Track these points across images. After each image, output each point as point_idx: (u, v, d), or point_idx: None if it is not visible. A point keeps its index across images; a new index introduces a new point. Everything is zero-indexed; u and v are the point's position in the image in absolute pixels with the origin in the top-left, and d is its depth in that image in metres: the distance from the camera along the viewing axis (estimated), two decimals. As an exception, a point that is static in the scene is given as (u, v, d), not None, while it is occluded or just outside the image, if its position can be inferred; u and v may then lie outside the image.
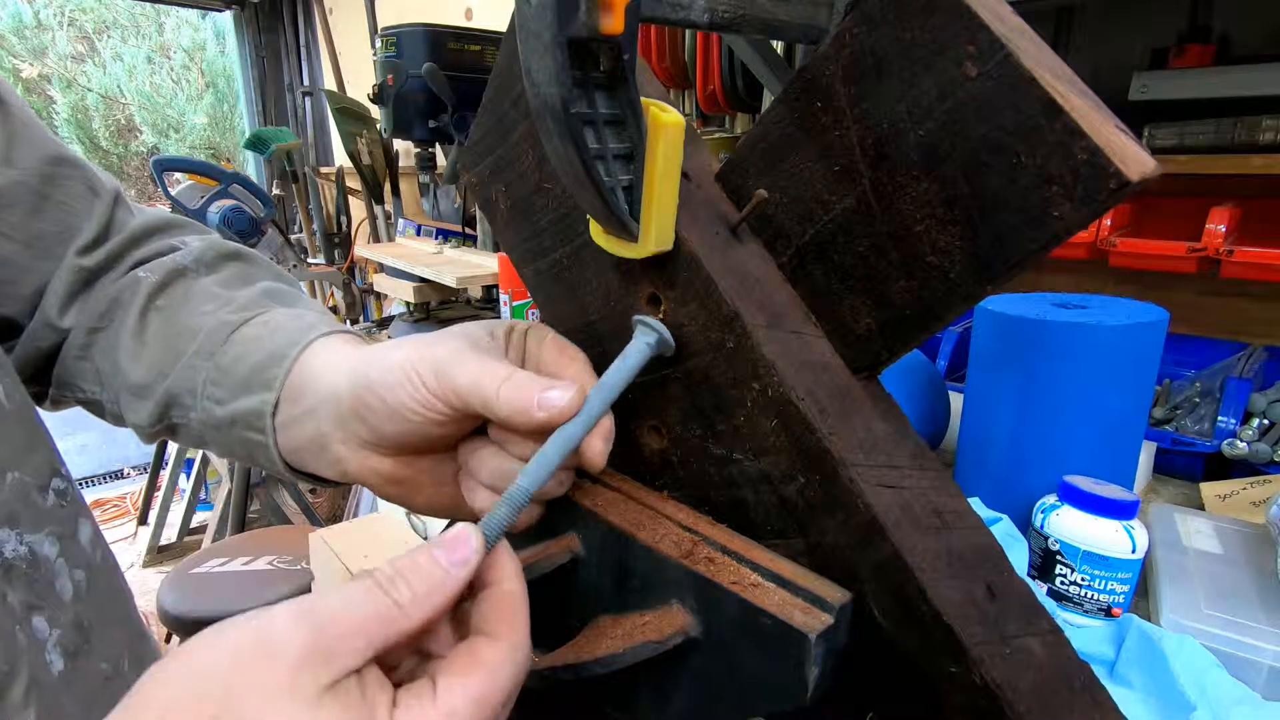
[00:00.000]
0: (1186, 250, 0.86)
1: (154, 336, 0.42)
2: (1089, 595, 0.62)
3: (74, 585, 0.38)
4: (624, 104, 0.25)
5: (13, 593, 0.34)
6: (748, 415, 0.28)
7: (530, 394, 0.29)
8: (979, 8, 0.22)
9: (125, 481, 3.24)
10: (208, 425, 0.40)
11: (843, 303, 0.28)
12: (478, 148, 0.36)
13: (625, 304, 0.31)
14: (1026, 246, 0.23)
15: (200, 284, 0.44)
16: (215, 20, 5.30)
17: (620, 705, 0.31)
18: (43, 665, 0.35)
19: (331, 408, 0.36)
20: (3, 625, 0.33)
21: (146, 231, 0.47)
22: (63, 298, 0.44)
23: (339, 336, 0.40)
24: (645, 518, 0.30)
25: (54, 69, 5.42)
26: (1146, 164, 0.21)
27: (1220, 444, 0.82)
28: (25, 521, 0.36)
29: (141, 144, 5.71)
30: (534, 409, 0.29)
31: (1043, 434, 0.73)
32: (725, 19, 0.27)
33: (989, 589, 0.26)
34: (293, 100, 3.25)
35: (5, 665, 0.32)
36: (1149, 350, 0.70)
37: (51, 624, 0.36)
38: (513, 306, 1.16)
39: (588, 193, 0.25)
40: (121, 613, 0.42)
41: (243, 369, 0.39)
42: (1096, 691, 0.26)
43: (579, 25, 0.21)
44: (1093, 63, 1.05)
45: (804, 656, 0.24)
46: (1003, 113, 0.22)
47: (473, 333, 0.34)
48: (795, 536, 0.28)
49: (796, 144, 0.27)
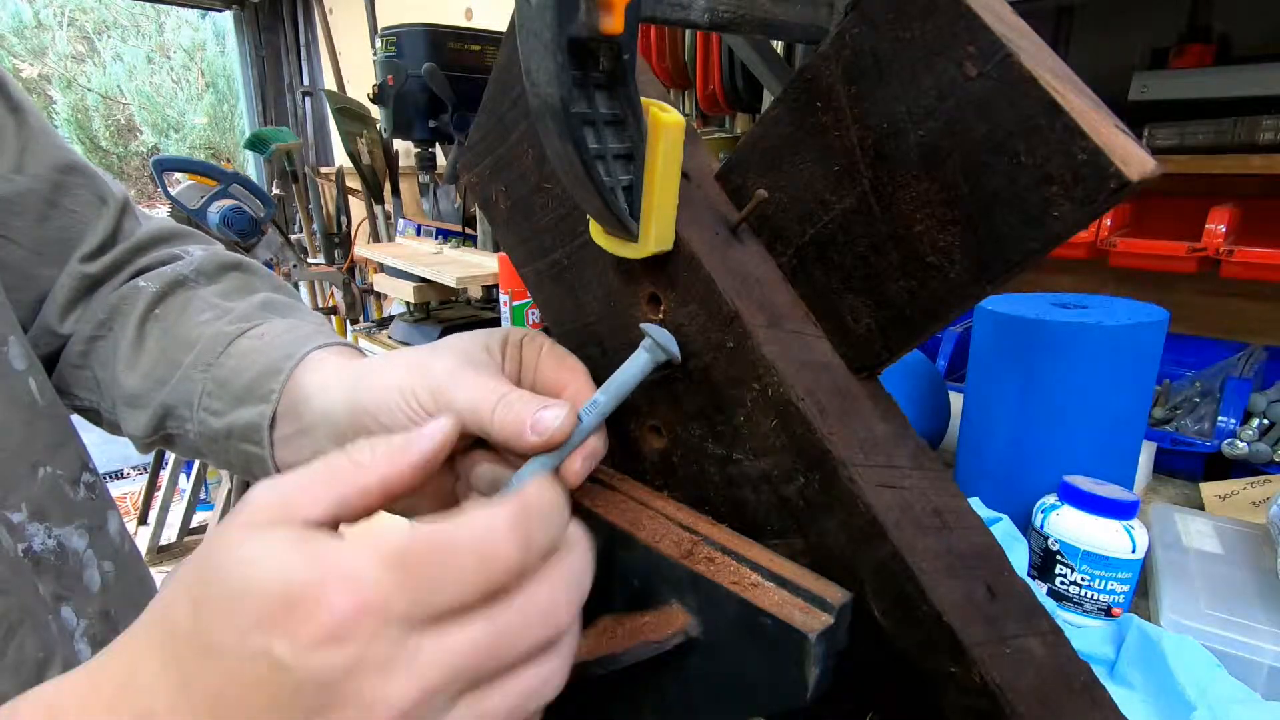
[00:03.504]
0: (1186, 250, 0.86)
1: (151, 346, 0.42)
2: (1089, 595, 0.62)
3: (102, 576, 0.39)
4: (624, 104, 0.25)
5: (43, 584, 0.35)
6: (748, 415, 0.28)
7: (524, 417, 0.29)
8: (979, 8, 0.22)
9: (125, 481, 3.23)
10: (204, 437, 0.41)
11: (843, 303, 0.28)
12: (478, 148, 0.36)
13: (625, 304, 0.31)
14: (1026, 246, 0.23)
15: (199, 294, 0.44)
16: (215, 20, 5.30)
17: (620, 705, 0.31)
18: (73, 654, 0.36)
19: (329, 428, 0.36)
20: (38, 615, 0.34)
21: (150, 240, 0.47)
22: (64, 304, 0.44)
23: (334, 350, 0.40)
24: (645, 518, 0.30)
25: (54, 69, 5.42)
26: (1146, 164, 0.21)
27: (1220, 444, 0.82)
28: (55, 515, 0.37)
29: (141, 144, 5.72)
30: (527, 432, 0.29)
31: (1043, 434, 0.73)
32: (725, 19, 0.27)
33: (989, 589, 0.26)
34: (293, 100, 3.25)
35: (42, 653, 0.33)
36: (1149, 350, 0.70)
37: (79, 614, 0.37)
38: (513, 306, 1.16)
39: (588, 193, 0.25)
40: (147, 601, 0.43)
41: (239, 381, 0.39)
42: (1096, 691, 0.26)
43: (579, 25, 0.21)
44: (1093, 63, 1.05)
45: (804, 656, 0.24)
46: (1003, 113, 0.22)
47: (468, 349, 0.34)
48: (795, 536, 0.28)
49: (796, 144, 0.27)
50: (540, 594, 0.22)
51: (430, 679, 0.21)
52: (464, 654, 0.21)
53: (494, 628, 0.21)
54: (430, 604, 0.21)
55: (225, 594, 0.21)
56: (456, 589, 0.21)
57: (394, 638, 0.20)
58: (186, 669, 0.21)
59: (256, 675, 0.20)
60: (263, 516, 0.22)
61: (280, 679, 0.20)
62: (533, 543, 0.22)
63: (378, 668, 0.20)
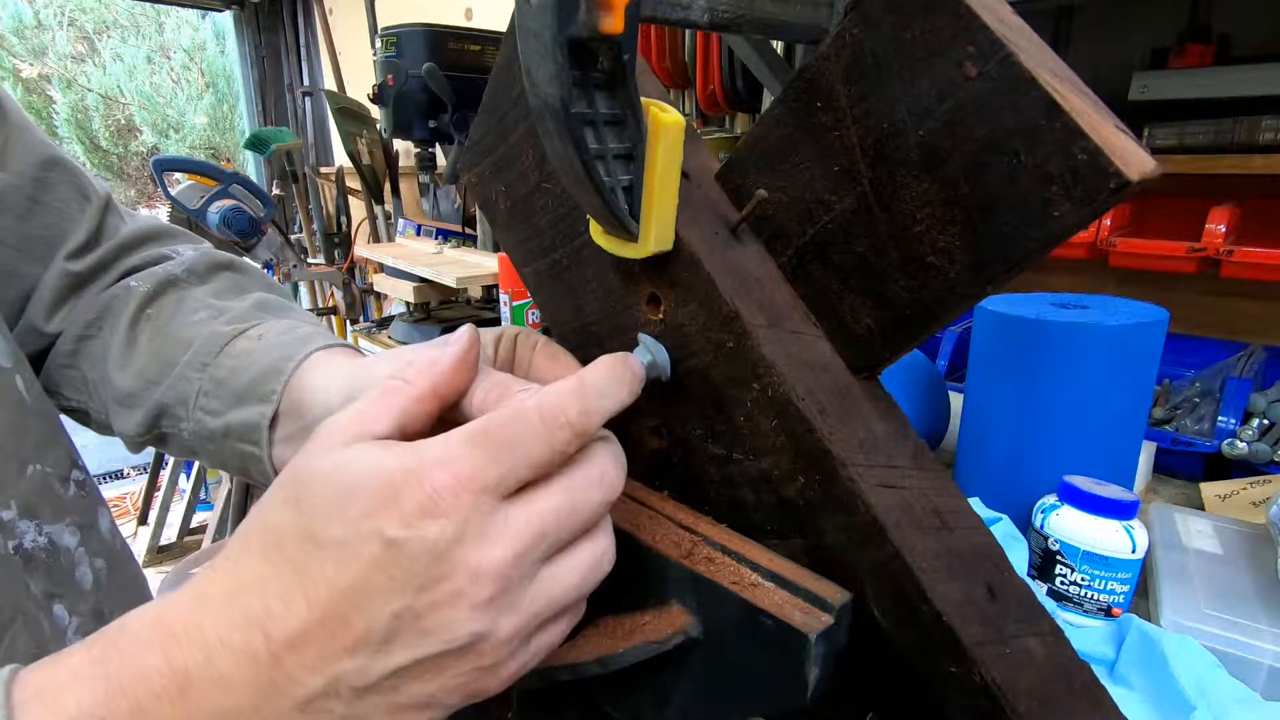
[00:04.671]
0: (1186, 250, 0.86)
1: (144, 346, 0.42)
2: (1089, 595, 0.62)
3: (94, 573, 0.39)
4: (624, 104, 0.25)
5: (34, 582, 0.35)
6: (748, 415, 0.28)
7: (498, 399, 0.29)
8: (979, 8, 0.22)
9: (125, 481, 3.23)
10: (200, 436, 0.41)
11: (843, 303, 0.28)
12: (478, 148, 0.36)
13: (625, 304, 0.31)
14: (1026, 246, 0.23)
15: (192, 294, 0.44)
16: (215, 20, 5.30)
17: (620, 705, 0.31)
18: None
19: None
20: (30, 613, 0.34)
21: (138, 239, 0.47)
22: (50, 302, 0.44)
23: (334, 351, 0.40)
24: (645, 518, 0.30)
25: (54, 69, 5.42)
26: (1146, 164, 0.21)
27: (1220, 444, 0.82)
28: (45, 513, 0.37)
29: (141, 144, 5.72)
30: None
31: (1043, 434, 0.73)
32: (725, 19, 0.27)
33: (989, 589, 0.26)
34: (293, 100, 3.24)
35: (35, 651, 0.33)
36: (1149, 350, 0.70)
37: (71, 612, 0.37)
38: (513, 306, 1.16)
39: (588, 193, 0.25)
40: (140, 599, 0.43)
41: (238, 382, 0.39)
42: (1096, 691, 0.26)
43: (579, 25, 0.21)
44: (1093, 63, 1.05)
45: (804, 656, 0.24)
46: (1003, 113, 0.22)
47: None
48: (795, 536, 0.28)
49: (796, 144, 0.27)
50: (594, 465, 0.25)
51: (523, 542, 0.23)
52: (546, 518, 0.23)
53: (567, 495, 0.24)
54: (514, 471, 0.23)
55: (329, 497, 0.22)
56: (534, 452, 0.23)
57: (489, 507, 0.23)
58: (298, 567, 0.22)
59: (372, 556, 0.22)
60: (340, 438, 0.24)
61: (393, 556, 0.22)
62: (591, 409, 0.24)
63: (479, 535, 0.22)
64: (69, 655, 0.23)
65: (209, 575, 0.24)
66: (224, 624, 0.22)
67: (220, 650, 0.22)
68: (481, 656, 0.23)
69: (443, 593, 0.22)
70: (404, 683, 0.23)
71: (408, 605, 0.22)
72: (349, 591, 0.22)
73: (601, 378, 0.25)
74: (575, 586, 0.25)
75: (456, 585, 0.22)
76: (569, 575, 0.25)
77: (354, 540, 0.22)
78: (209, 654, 0.22)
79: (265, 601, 0.22)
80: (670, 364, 0.30)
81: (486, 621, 0.23)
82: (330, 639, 0.22)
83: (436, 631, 0.22)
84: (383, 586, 0.22)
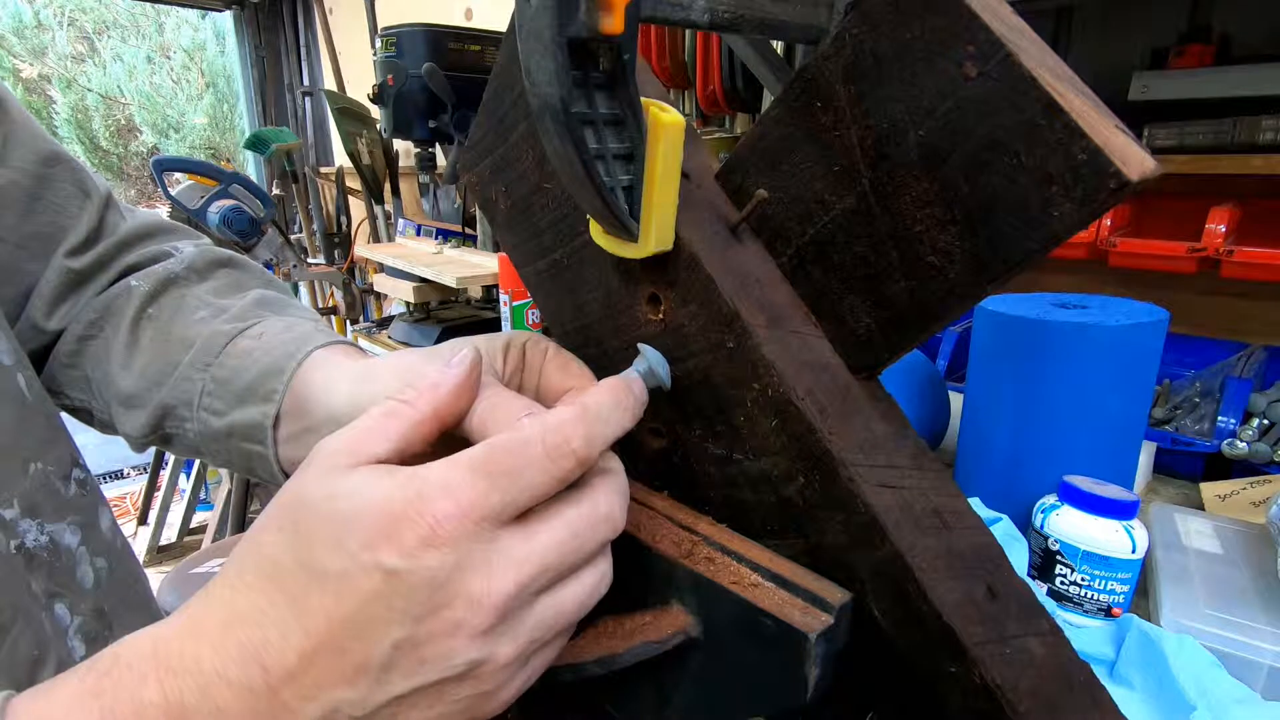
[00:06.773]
0: (1186, 250, 0.86)
1: (146, 346, 0.42)
2: (1089, 595, 0.62)
3: (95, 572, 0.39)
4: (624, 104, 0.25)
5: (35, 581, 0.35)
6: (748, 415, 0.28)
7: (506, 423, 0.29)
8: (979, 8, 0.22)
9: (125, 481, 3.23)
10: (204, 436, 0.40)
11: (843, 303, 0.28)
12: (478, 148, 0.36)
13: (625, 304, 0.31)
14: (1026, 246, 0.23)
15: (193, 292, 0.44)
16: (215, 20, 5.31)
17: (620, 705, 0.31)
18: (66, 652, 0.35)
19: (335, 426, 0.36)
20: (31, 612, 0.34)
21: (137, 235, 0.47)
22: (50, 300, 0.43)
23: (335, 349, 0.40)
24: (645, 518, 0.30)
25: (54, 69, 5.42)
26: (1146, 164, 0.21)
27: (1220, 444, 0.82)
28: (47, 511, 0.37)
29: (141, 144, 5.72)
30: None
31: (1043, 434, 0.73)
32: (725, 19, 0.27)
33: (989, 589, 0.26)
34: (293, 100, 3.24)
35: (36, 650, 0.33)
36: (1149, 350, 0.70)
37: (73, 611, 0.37)
38: (513, 307, 1.16)
39: (588, 193, 0.25)
40: (141, 598, 0.43)
41: (241, 381, 0.39)
42: (1096, 691, 0.26)
43: (579, 25, 0.21)
44: (1093, 63, 1.05)
45: (804, 656, 0.24)
46: (1003, 113, 0.22)
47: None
48: (795, 536, 0.28)
49: (796, 144, 0.27)
50: (599, 499, 0.25)
51: (525, 573, 0.23)
52: (549, 553, 0.23)
53: (570, 528, 0.24)
54: (516, 500, 0.23)
55: (327, 526, 0.22)
56: (537, 481, 0.23)
57: (489, 535, 0.23)
58: (296, 598, 0.22)
59: (372, 588, 0.22)
60: (340, 461, 0.24)
61: (394, 587, 0.22)
62: (594, 436, 0.24)
63: (479, 564, 0.22)
64: (62, 685, 0.22)
65: (205, 603, 0.23)
66: (221, 656, 0.22)
67: (218, 683, 0.22)
68: (480, 682, 0.23)
69: (442, 622, 0.22)
70: (403, 710, 0.23)
71: (408, 635, 0.22)
72: (348, 622, 0.22)
73: (605, 403, 0.25)
74: (574, 612, 0.25)
75: (456, 615, 0.22)
76: (568, 603, 0.25)
77: (353, 572, 0.22)
78: (206, 687, 0.22)
79: (263, 633, 0.22)
80: (670, 371, 0.30)
81: (485, 649, 0.23)
82: (328, 669, 0.22)
83: (436, 660, 0.22)
84: (382, 617, 0.22)
